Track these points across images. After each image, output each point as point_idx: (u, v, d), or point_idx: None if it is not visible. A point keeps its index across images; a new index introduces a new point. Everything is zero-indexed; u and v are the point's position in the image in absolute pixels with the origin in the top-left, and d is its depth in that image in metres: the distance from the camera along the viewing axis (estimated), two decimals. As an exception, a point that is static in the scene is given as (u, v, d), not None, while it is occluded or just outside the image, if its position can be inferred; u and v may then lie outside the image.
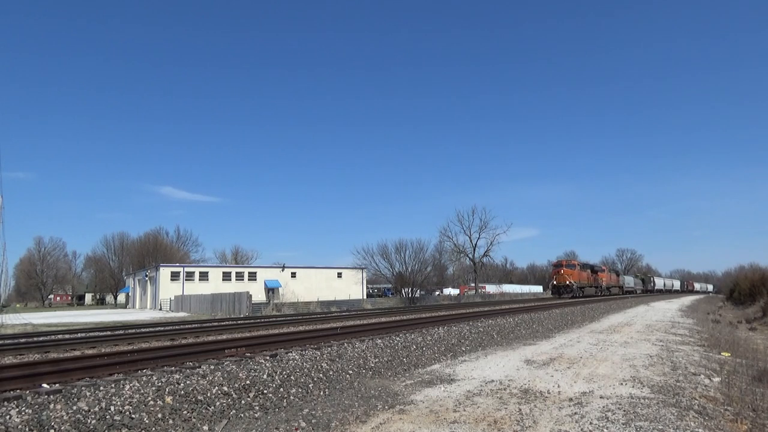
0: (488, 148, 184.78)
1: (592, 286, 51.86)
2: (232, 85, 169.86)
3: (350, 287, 67.68)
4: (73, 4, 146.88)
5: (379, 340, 11.56)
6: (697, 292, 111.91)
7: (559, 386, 7.51)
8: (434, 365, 9.87)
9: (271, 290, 63.30)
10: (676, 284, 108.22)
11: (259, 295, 59.53)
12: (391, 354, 10.22)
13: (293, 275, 66.74)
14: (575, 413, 5.92)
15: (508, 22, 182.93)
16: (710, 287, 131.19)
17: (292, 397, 7.01)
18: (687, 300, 56.53)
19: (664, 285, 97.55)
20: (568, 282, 45.90)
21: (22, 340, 15.48)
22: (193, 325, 21.11)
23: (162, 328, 19.59)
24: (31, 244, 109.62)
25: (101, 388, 6.32)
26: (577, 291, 46.65)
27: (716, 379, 8.33)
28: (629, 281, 72.33)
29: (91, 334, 17.67)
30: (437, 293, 72.66)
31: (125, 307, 71.00)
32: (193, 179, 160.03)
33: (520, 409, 6.15)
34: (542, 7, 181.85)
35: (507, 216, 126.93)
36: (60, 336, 16.87)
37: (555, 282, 47.64)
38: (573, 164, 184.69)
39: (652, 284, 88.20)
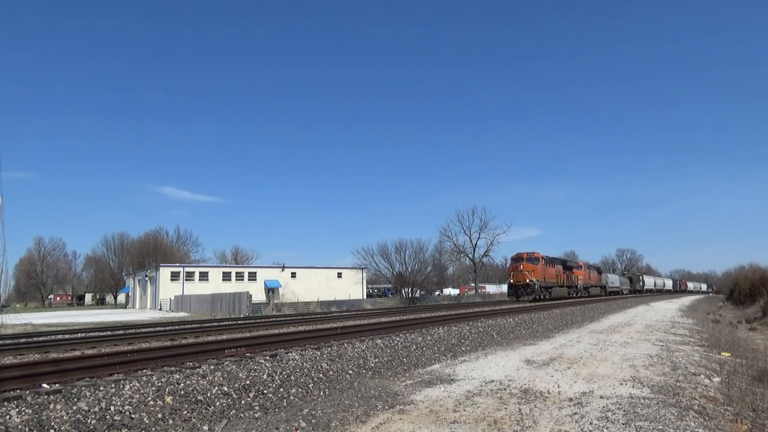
0: (488, 147, 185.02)
1: (564, 285, 43.70)
2: (233, 85, 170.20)
3: (350, 287, 67.69)
4: (74, 3, 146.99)
5: (379, 340, 11.56)
6: (691, 292, 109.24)
7: (559, 386, 7.51)
8: (434, 365, 9.86)
9: (271, 290, 63.31)
10: (668, 284, 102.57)
11: (259, 295, 59.53)
12: (391, 354, 10.22)
13: (293, 275, 66.75)
14: (575, 413, 5.92)
15: (509, 21, 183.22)
16: (704, 287, 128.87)
17: (292, 397, 7.01)
18: (687, 300, 56.51)
19: (655, 285, 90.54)
20: (528, 280, 37.74)
21: (22, 340, 15.48)
22: (193, 325, 21.11)
23: (162, 328, 19.59)
24: (31, 244, 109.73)
25: (101, 388, 6.32)
26: (541, 292, 38.39)
27: (716, 379, 8.33)
28: (614, 280, 65.83)
29: (91, 334, 17.67)
30: (437, 293, 72.71)
31: (125, 307, 70.99)
32: (194, 179, 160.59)
33: (520, 409, 6.15)
34: (542, 6, 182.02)
35: (507, 216, 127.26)
36: (60, 336, 16.87)
37: (512, 280, 39.28)
38: (573, 164, 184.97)
39: (641, 284, 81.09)
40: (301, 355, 9.20)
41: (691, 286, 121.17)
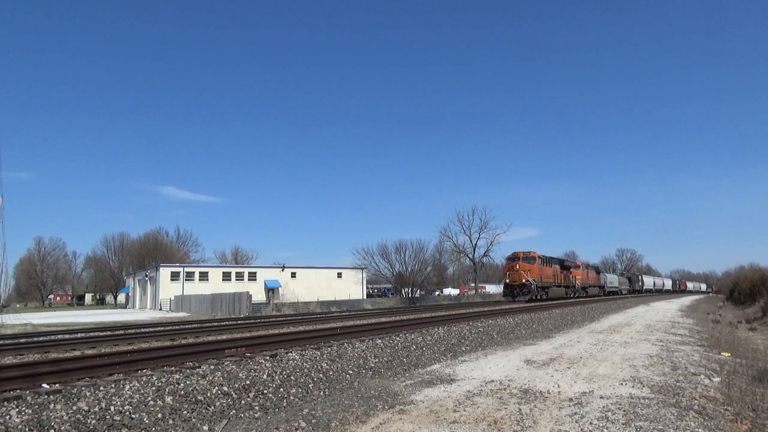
0: (488, 147, 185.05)
1: (561, 285, 42.93)
2: (233, 85, 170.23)
3: (350, 287, 67.67)
4: (74, 3, 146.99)
5: (379, 340, 11.56)
6: (690, 292, 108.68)
7: (559, 386, 7.51)
8: (434, 365, 9.87)
9: (271, 290, 63.30)
10: (668, 284, 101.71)
11: (259, 295, 59.53)
12: (391, 354, 10.22)
13: (293, 275, 66.73)
14: (575, 413, 5.92)
15: (509, 21, 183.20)
16: (703, 286, 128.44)
17: (292, 397, 7.01)
18: (687, 300, 56.51)
19: (654, 285, 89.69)
20: (524, 280, 36.90)
21: (22, 340, 15.47)
22: (193, 325, 21.11)
23: (162, 328, 19.58)
24: (31, 244, 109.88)
25: (101, 388, 6.32)
26: (537, 292, 37.70)
27: (716, 379, 8.33)
28: (612, 280, 64.87)
29: (91, 334, 17.66)
30: (437, 293, 72.71)
31: (125, 307, 71.00)
32: (194, 179, 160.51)
33: (520, 409, 6.15)
34: (542, 6, 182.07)
35: (507, 216, 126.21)
36: (60, 336, 16.86)
37: (508, 280, 38.58)
38: (573, 164, 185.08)
39: (640, 284, 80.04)
40: (301, 355, 9.19)
41: (690, 286, 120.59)
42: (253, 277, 64.59)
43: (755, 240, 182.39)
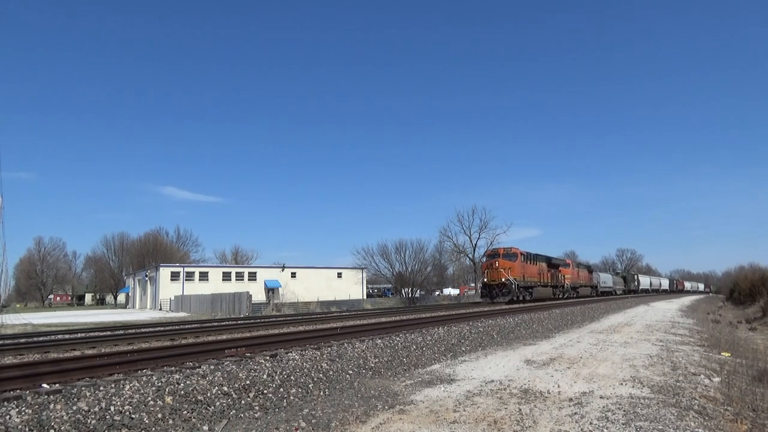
0: (488, 147, 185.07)
1: (548, 285, 39.38)
2: (233, 85, 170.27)
3: (350, 287, 67.69)
4: (74, 2, 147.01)
5: (379, 340, 11.56)
6: (689, 292, 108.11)
7: (559, 386, 7.51)
8: (434, 365, 9.86)
9: (271, 290, 63.31)
10: (665, 283, 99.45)
11: (259, 295, 59.52)
12: (391, 354, 10.22)
13: (293, 275, 66.74)
14: (575, 413, 5.92)
15: (509, 21, 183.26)
16: (701, 286, 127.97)
17: (292, 397, 7.01)
18: (687, 300, 56.50)
19: (651, 284, 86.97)
20: (504, 279, 33.02)
21: (22, 340, 15.47)
22: (193, 325, 21.10)
23: (162, 328, 19.58)
24: (31, 244, 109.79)
25: (101, 388, 6.32)
26: (519, 292, 33.70)
27: (716, 379, 8.33)
28: (606, 279, 61.83)
29: (91, 334, 17.66)
30: (437, 293, 72.71)
31: (125, 307, 71.01)
32: (194, 179, 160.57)
33: (520, 409, 6.15)
34: (542, 6, 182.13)
35: (507, 216, 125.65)
36: (60, 336, 16.86)
37: (486, 279, 34.62)
38: (573, 164, 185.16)
39: (636, 283, 77.11)
40: (301, 355, 9.20)
41: (688, 286, 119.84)
42: (253, 277, 64.60)
43: (755, 240, 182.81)
